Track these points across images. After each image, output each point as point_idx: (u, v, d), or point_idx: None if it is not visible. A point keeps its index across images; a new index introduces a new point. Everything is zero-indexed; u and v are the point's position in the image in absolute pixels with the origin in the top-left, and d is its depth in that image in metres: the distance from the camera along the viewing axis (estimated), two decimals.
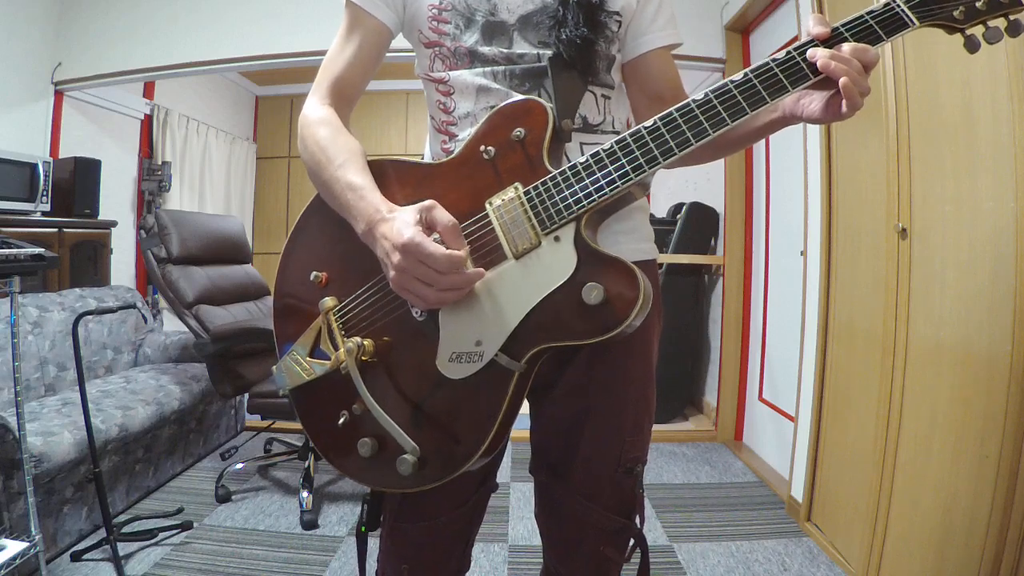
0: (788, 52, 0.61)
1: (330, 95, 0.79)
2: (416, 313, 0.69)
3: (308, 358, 0.75)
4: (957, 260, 1.35)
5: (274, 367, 0.79)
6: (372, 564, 0.86)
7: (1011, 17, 0.58)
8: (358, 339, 0.69)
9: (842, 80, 0.58)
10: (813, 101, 0.64)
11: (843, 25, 0.59)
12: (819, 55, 0.59)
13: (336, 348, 0.71)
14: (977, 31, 0.59)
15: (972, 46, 0.59)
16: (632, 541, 0.81)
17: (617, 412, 0.80)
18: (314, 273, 0.76)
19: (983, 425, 1.24)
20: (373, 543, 0.84)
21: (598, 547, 0.80)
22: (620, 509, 0.80)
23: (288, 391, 0.77)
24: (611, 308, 0.60)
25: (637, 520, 0.81)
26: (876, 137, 1.64)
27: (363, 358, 0.69)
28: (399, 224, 0.62)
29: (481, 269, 0.65)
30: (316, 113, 0.77)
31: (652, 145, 0.62)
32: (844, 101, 0.59)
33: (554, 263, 0.63)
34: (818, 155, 1.99)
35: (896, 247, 1.54)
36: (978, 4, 0.58)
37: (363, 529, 0.81)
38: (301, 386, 0.75)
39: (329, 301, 0.73)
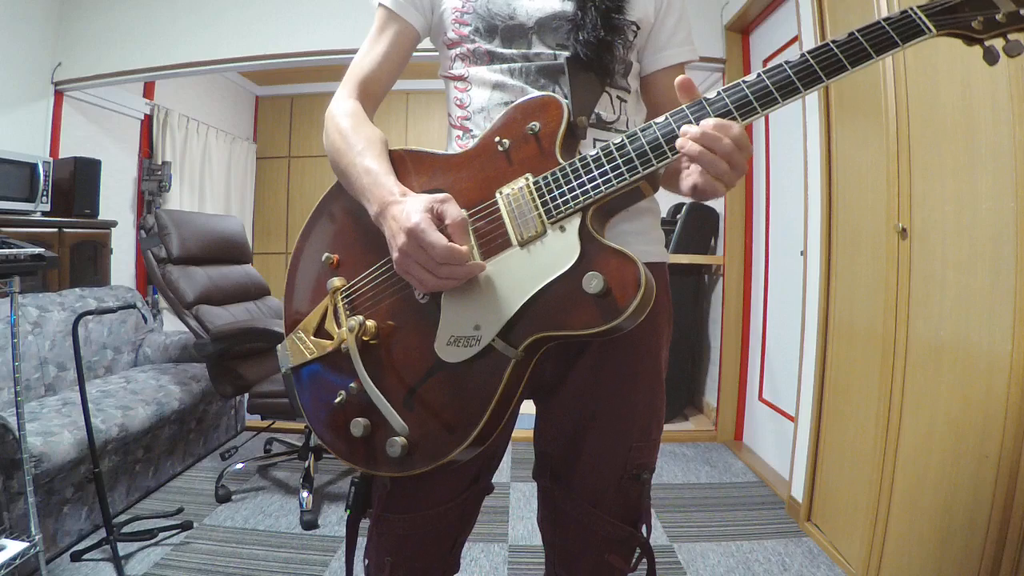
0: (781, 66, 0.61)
1: (357, 91, 0.82)
2: (419, 295, 0.70)
3: (312, 337, 0.76)
4: (957, 260, 1.35)
5: (278, 346, 0.80)
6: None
7: None
8: (360, 318, 0.71)
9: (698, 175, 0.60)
10: (691, 174, 0.62)
11: (859, 31, 0.58)
12: (688, 135, 0.60)
13: (340, 327, 0.72)
14: (997, 43, 0.58)
15: (991, 58, 0.58)
16: (638, 550, 0.80)
17: (624, 417, 0.78)
18: (326, 254, 0.77)
19: (983, 425, 1.24)
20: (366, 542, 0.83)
21: (602, 555, 0.79)
22: (625, 517, 0.79)
23: (288, 370, 0.78)
24: (611, 299, 0.60)
25: (644, 529, 0.79)
26: (876, 137, 1.64)
27: (364, 338, 0.70)
28: (409, 208, 0.64)
29: (482, 262, 0.65)
30: (341, 106, 0.79)
31: (662, 139, 0.62)
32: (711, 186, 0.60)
33: (558, 252, 0.63)
34: (818, 155, 1.99)
35: (896, 247, 1.54)
36: (998, 17, 0.57)
37: (347, 511, 0.81)
38: (302, 365, 0.77)
39: (337, 281, 0.75)
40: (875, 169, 1.66)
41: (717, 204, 3.08)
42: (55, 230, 2.82)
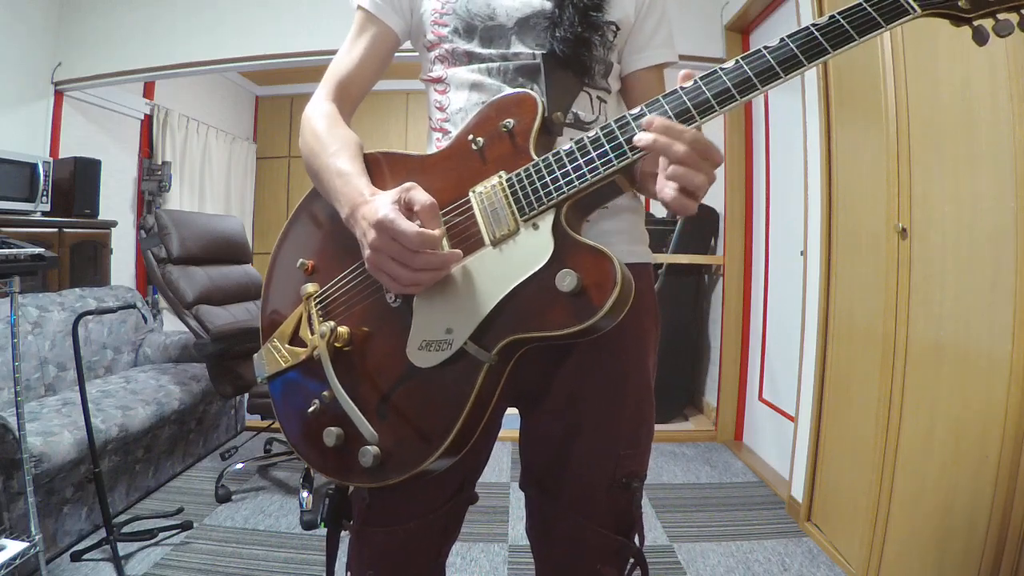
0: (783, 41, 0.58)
1: (334, 93, 0.80)
2: (390, 299, 0.68)
3: (287, 345, 0.75)
4: (957, 260, 1.35)
5: (255, 355, 0.78)
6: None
7: (1023, 11, 0.54)
8: (331, 324, 0.69)
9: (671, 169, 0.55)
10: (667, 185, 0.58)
11: (840, 13, 0.56)
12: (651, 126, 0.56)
13: (313, 334, 0.71)
14: (986, 23, 0.56)
15: (980, 38, 0.56)
16: (632, 560, 0.78)
17: (612, 424, 0.76)
18: (300, 260, 0.76)
19: (983, 425, 1.24)
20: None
21: (594, 566, 0.77)
22: (616, 527, 0.76)
23: (265, 379, 0.77)
24: (586, 297, 0.57)
25: (637, 539, 0.77)
26: (876, 137, 1.64)
27: (336, 344, 0.68)
28: (377, 204, 0.62)
29: (457, 250, 0.63)
30: (318, 108, 0.78)
31: (638, 132, 0.59)
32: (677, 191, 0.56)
33: (530, 250, 0.61)
34: (818, 155, 1.99)
35: (896, 247, 1.54)
36: None
37: (321, 524, 0.79)
38: (278, 374, 0.75)
39: (310, 287, 0.73)
40: (875, 169, 1.66)
41: (717, 204, 3.08)
42: (55, 230, 2.82)
